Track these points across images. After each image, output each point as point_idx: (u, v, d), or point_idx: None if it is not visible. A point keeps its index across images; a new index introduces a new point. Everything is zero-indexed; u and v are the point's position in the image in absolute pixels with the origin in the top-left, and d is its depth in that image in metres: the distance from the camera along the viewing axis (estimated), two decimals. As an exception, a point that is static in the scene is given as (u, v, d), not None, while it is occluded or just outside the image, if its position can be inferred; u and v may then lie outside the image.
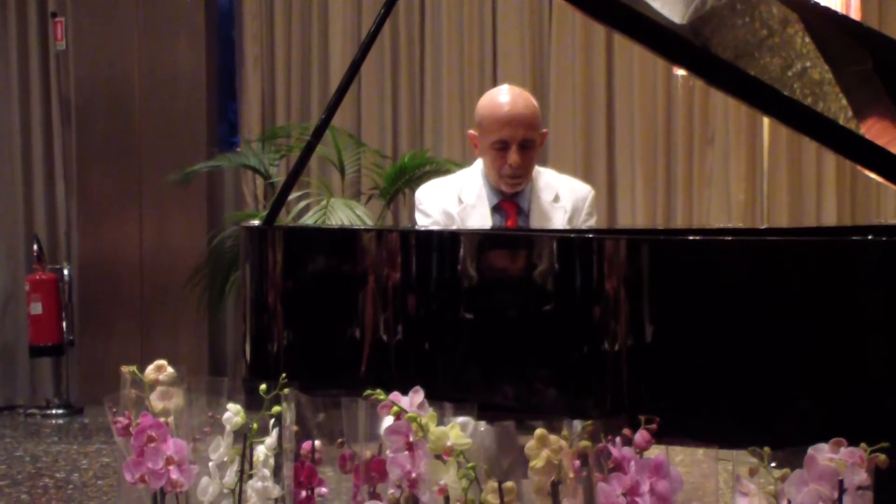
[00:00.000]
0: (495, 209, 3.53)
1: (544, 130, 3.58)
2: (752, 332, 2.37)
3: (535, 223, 3.50)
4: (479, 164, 3.60)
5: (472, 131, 3.58)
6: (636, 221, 6.93)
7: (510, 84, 3.70)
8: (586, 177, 6.90)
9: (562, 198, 3.56)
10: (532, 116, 3.49)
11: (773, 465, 2.09)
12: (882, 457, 2.05)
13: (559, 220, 3.53)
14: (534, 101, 3.56)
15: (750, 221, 6.76)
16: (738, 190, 6.84)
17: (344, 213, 5.87)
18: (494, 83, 6.98)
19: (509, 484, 2.22)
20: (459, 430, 2.24)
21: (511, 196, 3.53)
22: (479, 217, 3.49)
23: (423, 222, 3.55)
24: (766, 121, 6.11)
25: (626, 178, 7.02)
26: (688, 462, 5.20)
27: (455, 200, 3.54)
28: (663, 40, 2.74)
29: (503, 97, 3.53)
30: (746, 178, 6.84)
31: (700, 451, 5.09)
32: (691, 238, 2.66)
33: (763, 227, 5.79)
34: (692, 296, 2.42)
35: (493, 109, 3.49)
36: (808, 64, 2.90)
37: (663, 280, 2.46)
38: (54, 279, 7.21)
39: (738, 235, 3.12)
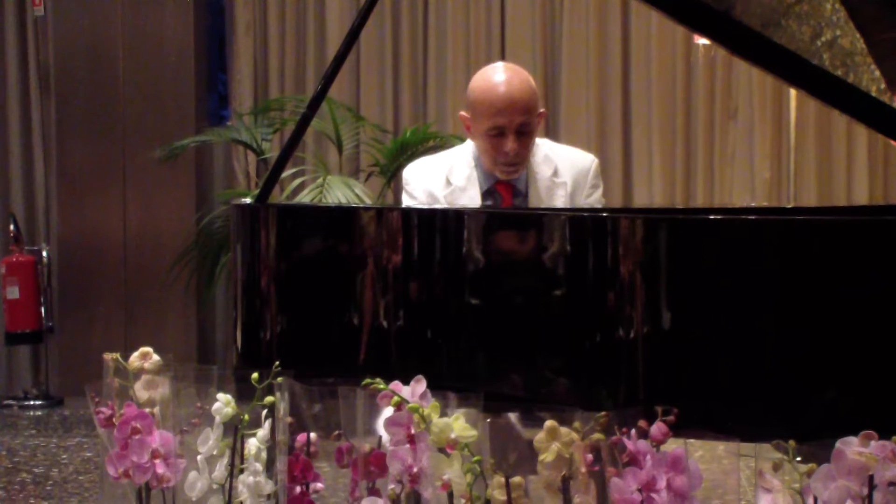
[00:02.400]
0: (488, 193, 3.45)
1: (541, 111, 3.48)
2: (776, 318, 2.37)
3: (535, 204, 3.46)
4: (470, 143, 3.51)
5: (463, 113, 3.48)
6: (653, 201, 6.93)
7: (519, 51, 3.67)
8: (600, 154, 6.87)
9: (561, 172, 3.48)
10: (530, 99, 3.37)
11: (798, 459, 2.09)
12: (915, 451, 2.05)
13: (560, 198, 3.47)
14: (531, 81, 3.44)
15: (775, 201, 6.76)
16: (763, 168, 6.84)
17: (341, 192, 5.87)
18: (502, 52, 6.97)
19: (517, 479, 2.23)
20: (464, 422, 2.24)
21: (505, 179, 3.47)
22: (468, 201, 3.42)
23: (408, 204, 3.50)
24: (793, 93, 6.11)
25: (643, 155, 7.01)
26: (708, 458, 5.21)
27: (442, 181, 3.47)
28: (683, 6, 2.74)
29: (498, 77, 3.41)
30: (772, 154, 6.83)
31: (721, 447, 5.10)
32: (712, 217, 2.65)
33: (789, 206, 5.78)
34: (713, 279, 2.42)
35: (488, 92, 3.38)
36: (838, 32, 2.89)
37: (682, 262, 2.46)
38: (32, 261, 7.23)
39: (762, 215, 3.12)
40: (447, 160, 3.54)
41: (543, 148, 3.53)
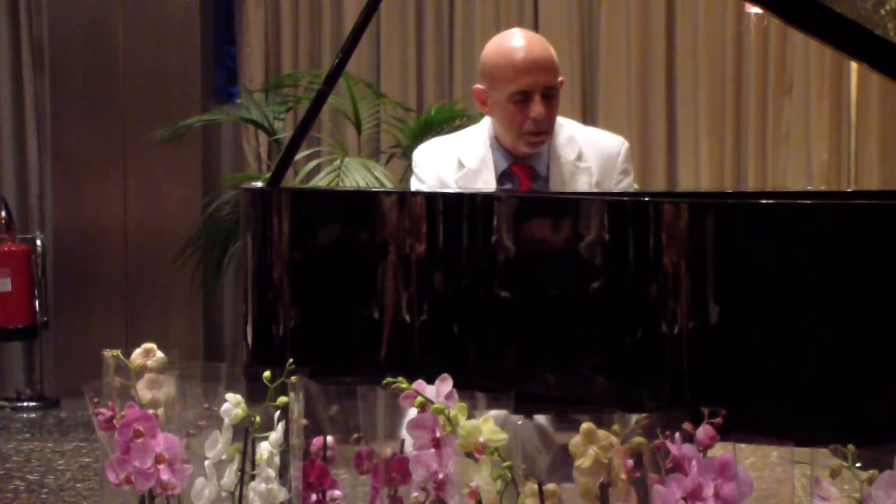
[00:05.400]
0: (504, 175, 3.45)
1: (561, 78, 3.47)
2: (834, 312, 2.37)
3: (556, 189, 3.44)
4: (486, 122, 3.53)
5: (478, 86, 3.50)
6: (700, 185, 6.92)
7: (554, 20, 3.67)
8: (642, 133, 6.90)
9: (586, 156, 3.46)
10: (553, 59, 3.41)
11: (858, 465, 2.09)
12: None
13: (584, 185, 3.44)
14: (550, 45, 3.47)
15: (834, 184, 6.73)
16: (821, 148, 6.82)
17: (360, 175, 5.88)
18: (535, 21, 6.96)
19: (551, 486, 2.24)
20: (493, 424, 2.25)
21: (524, 158, 3.45)
22: (482, 185, 3.41)
23: (418, 189, 3.49)
24: (853, 67, 6.09)
25: (689, 134, 7.00)
26: (759, 465, 5.20)
27: (454, 164, 3.47)
28: (733, -28, 2.74)
29: (516, 41, 3.43)
30: (830, 134, 6.81)
31: (773, 453, 5.10)
32: (764, 202, 2.65)
33: (849, 189, 5.77)
34: (765, 270, 2.42)
35: (507, 55, 3.41)
36: (903, -1, 2.88)
37: (731, 251, 2.46)
38: (25, 251, 7.25)
39: (819, 200, 3.12)
40: (460, 141, 3.55)
41: (567, 129, 3.51)
